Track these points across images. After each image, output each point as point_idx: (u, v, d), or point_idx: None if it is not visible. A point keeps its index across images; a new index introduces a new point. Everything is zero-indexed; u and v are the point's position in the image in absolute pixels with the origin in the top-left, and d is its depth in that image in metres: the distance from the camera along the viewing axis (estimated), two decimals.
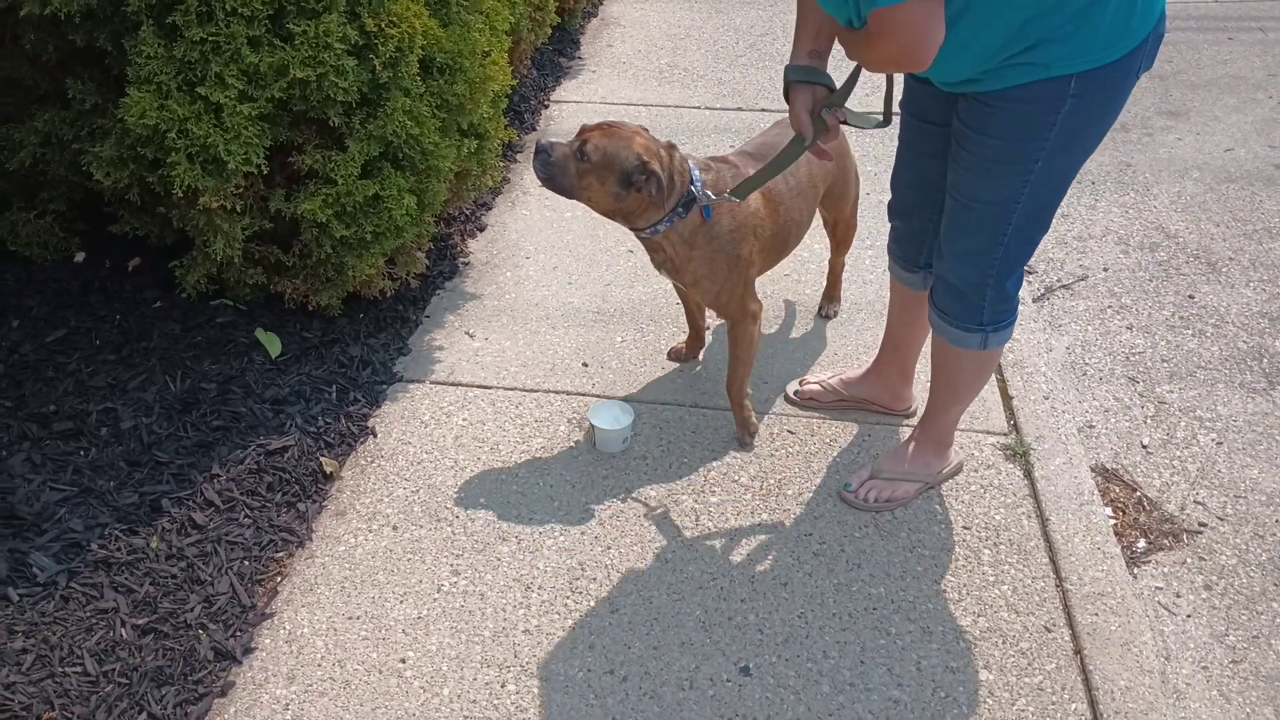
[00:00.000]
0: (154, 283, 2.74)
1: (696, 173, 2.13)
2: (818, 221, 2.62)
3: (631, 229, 2.17)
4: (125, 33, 2.25)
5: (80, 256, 2.80)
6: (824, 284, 2.89)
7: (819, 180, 2.41)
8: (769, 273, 2.89)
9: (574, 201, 2.13)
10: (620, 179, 2.05)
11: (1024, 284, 3.06)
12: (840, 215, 2.65)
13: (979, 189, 1.84)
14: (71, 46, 2.33)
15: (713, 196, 2.10)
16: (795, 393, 2.54)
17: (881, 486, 2.22)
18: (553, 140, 2.11)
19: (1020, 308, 2.86)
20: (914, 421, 2.40)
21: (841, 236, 2.72)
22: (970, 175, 1.84)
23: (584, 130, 2.09)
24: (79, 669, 1.83)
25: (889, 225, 2.24)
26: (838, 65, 1.81)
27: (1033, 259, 3.32)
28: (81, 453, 2.24)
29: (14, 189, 2.66)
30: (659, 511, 2.23)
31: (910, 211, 2.16)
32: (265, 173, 2.34)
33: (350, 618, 1.98)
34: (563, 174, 2.08)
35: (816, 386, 2.52)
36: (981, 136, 1.77)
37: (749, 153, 2.32)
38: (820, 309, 2.87)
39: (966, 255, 1.93)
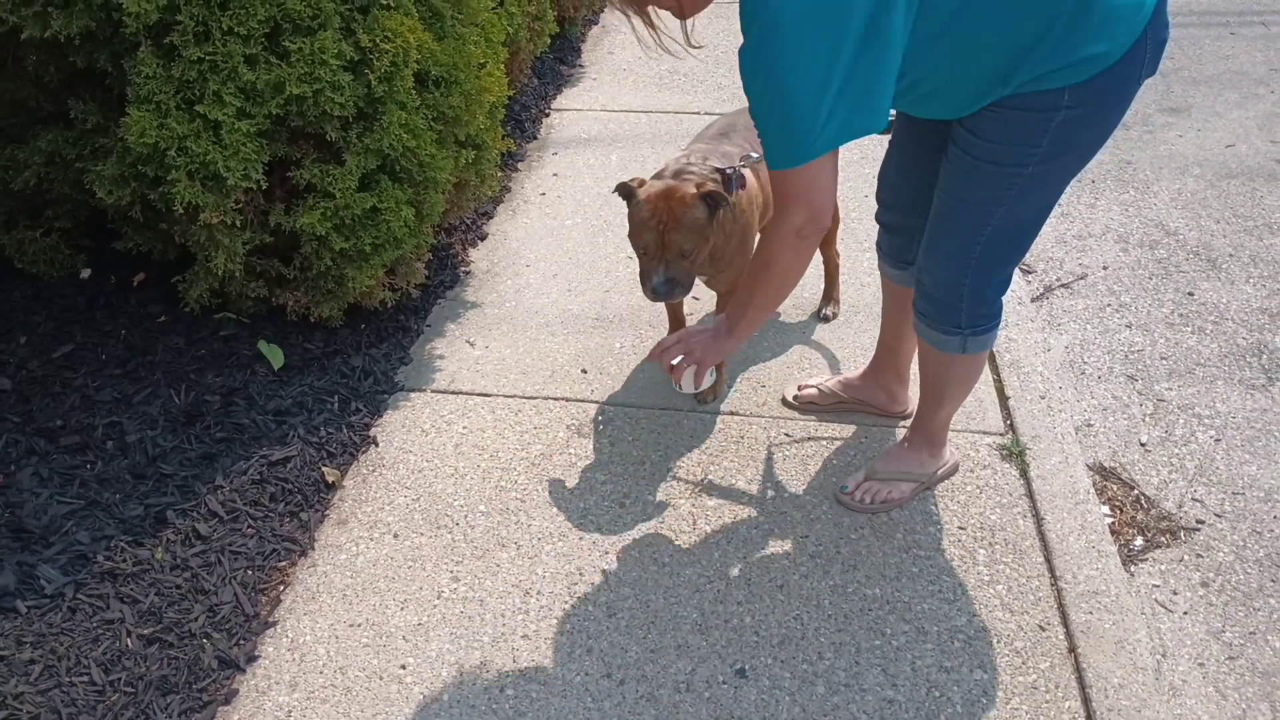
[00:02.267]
0: (158, 297, 2.78)
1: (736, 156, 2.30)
2: None
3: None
4: (125, 53, 2.29)
5: (86, 273, 2.84)
6: (822, 286, 2.90)
7: None
8: None
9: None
10: (711, 228, 2.19)
11: (1024, 283, 3.08)
12: None
13: (965, 187, 1.85)
14: (73, 68, 2.38)
15: (742, 166, 2.26)
16: (794, 396, 2.55)
17: (877, 488, 2.23)
18: (664, 274, 2.16)
19: (1018, 307, 2.90)
20: (910, 423, 2.41)
21: None
22: (960, 171, 1.85)
23: (646, 214, 2.15)
24: (85, 679, 1.86)
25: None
26: None
27: (1031, 258, 3.33)
28: (88, 466, 2.28)
29: (20, 208, 2.71)
30: (656, 516, 2.25)
31: (896, 205, 2.18)
32: (264, 188, 2.38)
33: (352, 625, 2.01)
34: (689, 277, 2.21)
35: (814, 390, 2.54)
36: (974, 137, 1.79)
37: (721, 133, 2.46)
38: (819, 311, 2.88)
39: (943, 255, 1.94)
